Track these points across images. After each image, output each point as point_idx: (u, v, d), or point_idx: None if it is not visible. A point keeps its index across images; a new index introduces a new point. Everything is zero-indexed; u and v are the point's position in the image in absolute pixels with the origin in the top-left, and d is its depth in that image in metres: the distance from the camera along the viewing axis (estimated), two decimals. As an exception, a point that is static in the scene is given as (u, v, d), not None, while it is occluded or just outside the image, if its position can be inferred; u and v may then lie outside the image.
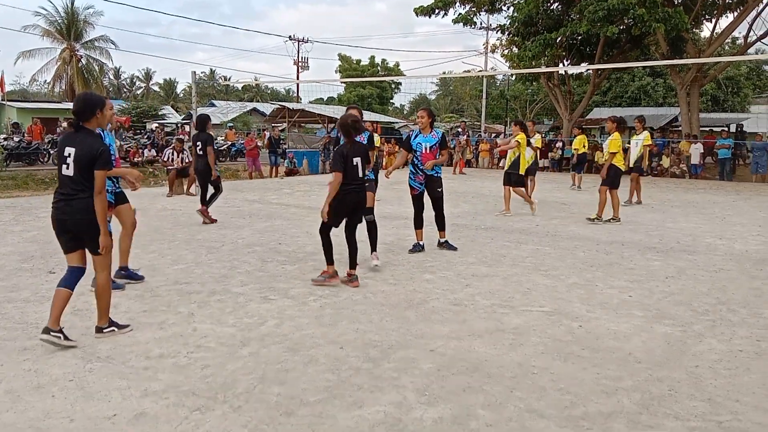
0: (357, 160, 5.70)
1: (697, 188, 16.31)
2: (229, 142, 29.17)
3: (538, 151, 12.09)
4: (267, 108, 46.37)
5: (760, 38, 21.77)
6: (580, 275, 6.30)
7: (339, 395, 3.40)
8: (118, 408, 3.22)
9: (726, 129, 23.63)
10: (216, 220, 9.28)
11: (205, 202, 9.33)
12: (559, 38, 21.10)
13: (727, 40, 24.27)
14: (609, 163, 9.76)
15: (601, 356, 4.06)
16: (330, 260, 5.81)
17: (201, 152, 9.32)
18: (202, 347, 4.11)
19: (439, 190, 7.33)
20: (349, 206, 5.78)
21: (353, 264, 5.85)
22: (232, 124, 37.07)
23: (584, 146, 17.38)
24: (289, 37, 46.80)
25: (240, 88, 70.70)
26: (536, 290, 5.68)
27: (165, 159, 13.38)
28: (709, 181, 18.95)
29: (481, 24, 25.81)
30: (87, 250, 4.20)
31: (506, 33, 24.71)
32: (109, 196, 5.13)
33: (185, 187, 13.28)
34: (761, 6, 20.15)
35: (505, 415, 3.20)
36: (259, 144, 20.82)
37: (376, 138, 13.04)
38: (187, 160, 13.45)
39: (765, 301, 5.42)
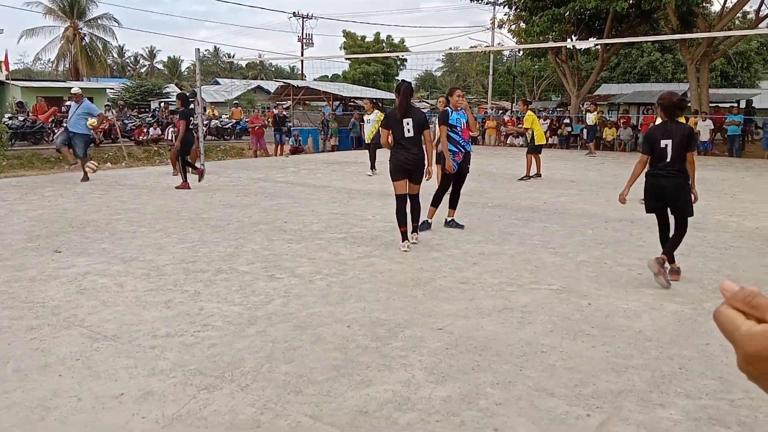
0: (666, 143, 5.06)
1: (706, 165, 16.11)
2: (234, 120, 29.06)
3: (530, 132, 12.30)
4: (271, 86, 46.22)
5: (772, 12, 21.39)
6: (589, 253, 6.25)
7: (347, 374, 3.38)
8: (126, 387, 3.21)
9: (736, 105, 23.35)
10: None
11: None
12: (567, 13, 20.78)
13: (737, 15, 23.84)
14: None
15: (611, 334, 4.02)
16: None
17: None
18: (208, 326, 4.10)
19: (469, 166, 7.32)
20: (654, 193, 5.24)
21: (671, 257, 5.26)
22: (237, 102, 36.91)
23: (594, 121, 17.79)
24: (294, 13, 46.30)
25: (244, 66, 70.31)
26: (544, 268, 5.63)
27: (169, 138, 13.26)
28: (718, 158, 18.76)
29: (487, -1, 25.45)
30: None
31: (513, 8, 24.35)
32: None
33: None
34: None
35: (515, 393, 3.18)
36: (264, 122, 20.71)
37: (379, 115, 13.12)
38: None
39: (776, 278, 5.36)
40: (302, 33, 46.79)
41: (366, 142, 13.63)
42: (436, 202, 7.28)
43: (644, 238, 6.92)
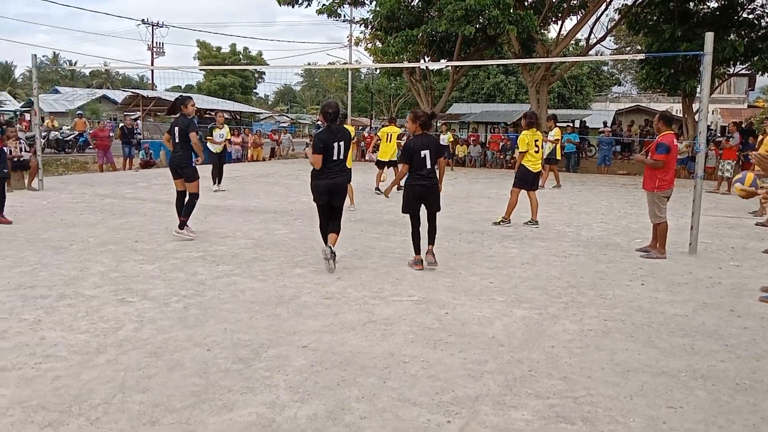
0: (425, 153, 5.98)
1: (547, 179, 17.48)
2: (77, 132, 27.04)
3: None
4: (119, 95, 43.60)
5: (599, 41, 23.80)
6: (445, 264, 6.52)
7: (207, 399, 3.25)
8: (-49, 432, 2.85)
9: (571, 124, 25.60)
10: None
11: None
12: (420, 35, 21.67)
13: (571, 42, 26.23)
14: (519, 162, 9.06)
15: (467, 341, 4.22)
16: (415, 249, 6.28)
17: None
18: (51, 357, 3.75)
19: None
20: (417, 197, 6.15)
21: (431, 240, 6.26)
22: (81, 112, 34.38)
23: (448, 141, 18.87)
24: (143, 20, 44.16)
25: (88, 74, 65.89)
26: (405, 280, 5.80)
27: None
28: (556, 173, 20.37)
29: (345, 16, 25.84)
30: None
31: (369, 27, 24.97)
32: None
33: (27, 181, 12.11)
34: (600, 11, 22.04)
35: (379, 405, 3.23)
36: (111, 134, 19.44)
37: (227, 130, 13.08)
38: (26, 150, 12.25)
39: (609, 283, 5.92)
40: (152, 41, 44.72)
41: (217, 152, 13.23)
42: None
43: (494, 249, 7.35)
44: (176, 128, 7.49)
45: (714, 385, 3.59)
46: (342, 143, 6.00)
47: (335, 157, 5.96)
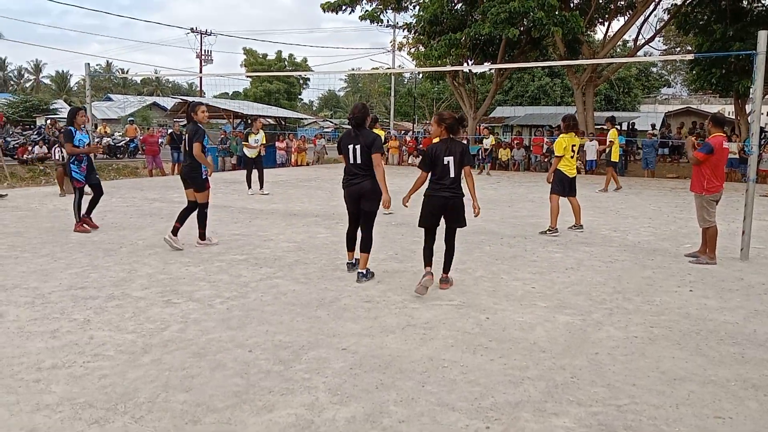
0: (449, 160, 5.33)
1: (593, 183, 17.17)
2: (128, 138, 27.88)
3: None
4: (168, 102, 44.82)
5: (647, 42, 23.26)
6: (487, 268, 6.46)
7: (248, 400, 3.30)
8: (6, 425, 2.97)
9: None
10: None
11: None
12: (464, 38, 21.58)
13: (618, 43, 25.71)
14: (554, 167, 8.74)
15: (508, 347, 4.17)
16: (426, 262, 5.49)
17: None
18: (99, 356, 3.87)
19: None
20: (435, 210, 5.44)
21: (446, 268, 5.67)
22: (132, 119, 35.45)
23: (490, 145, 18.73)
24: (191, 29, 45.25)
25: (139, 82, 67.93)
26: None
27: (56, 157, 12.51)
28: (604, 177, 19.98)
29: (387, 22, 25.95)
30: None
31: (412, 32, 25.02)
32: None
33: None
34: (648, 11, 21.56)
35: (417, 410, 3.22)
36: (160, 140, 19.99)
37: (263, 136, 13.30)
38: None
39: (656, 289, 5.77)
40: (201, 49, 45.77)
41: (251, 157, 13.39)
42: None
43: (537, 254, 7.25)
44: (186, 136, 7.37)
45: (766, 396, 3.45)
46: (358, 147, 5.67)
47: (351, 161, 5.77)
